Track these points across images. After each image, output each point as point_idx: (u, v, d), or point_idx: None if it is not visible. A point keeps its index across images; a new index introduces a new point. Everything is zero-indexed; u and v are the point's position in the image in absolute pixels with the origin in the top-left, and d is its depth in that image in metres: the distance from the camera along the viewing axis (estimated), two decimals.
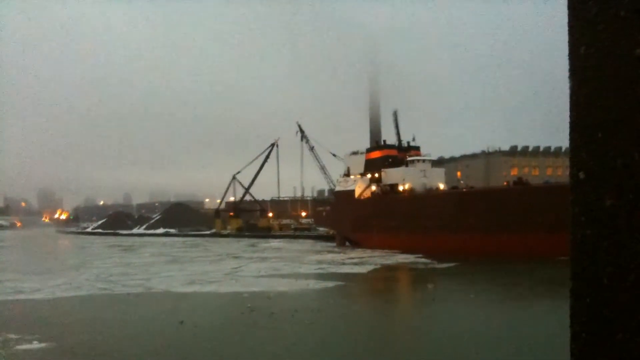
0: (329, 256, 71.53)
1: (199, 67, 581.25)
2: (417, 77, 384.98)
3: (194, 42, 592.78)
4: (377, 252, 74.51)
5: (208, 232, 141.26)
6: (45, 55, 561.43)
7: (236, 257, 72.05)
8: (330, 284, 44.50)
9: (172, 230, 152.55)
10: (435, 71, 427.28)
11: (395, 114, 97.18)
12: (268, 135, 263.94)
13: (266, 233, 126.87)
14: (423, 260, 62.42)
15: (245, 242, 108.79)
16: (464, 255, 60.18)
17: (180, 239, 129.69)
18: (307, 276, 49.89)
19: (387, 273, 54.05)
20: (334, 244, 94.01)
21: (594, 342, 1.75)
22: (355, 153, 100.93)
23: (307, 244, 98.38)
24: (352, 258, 67.87)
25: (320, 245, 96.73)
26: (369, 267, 56.94)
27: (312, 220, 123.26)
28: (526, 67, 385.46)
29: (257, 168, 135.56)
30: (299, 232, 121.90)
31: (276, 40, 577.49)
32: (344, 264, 61.44)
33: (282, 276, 50.11)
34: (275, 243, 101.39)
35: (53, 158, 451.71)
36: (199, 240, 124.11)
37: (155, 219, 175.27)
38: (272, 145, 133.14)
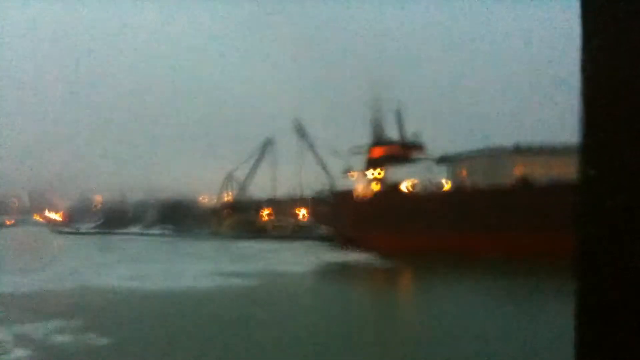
0: (285, 254, 73.12)
1: (198, 64, 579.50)
2: (421, 72, 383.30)
3: (193, 40, 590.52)
4: (340, 252, 76.67)
5: (205, 231, 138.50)
6: (42, 52, 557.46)
7: (197, 256, 74.15)
8: (255, 281, 47.09)
9: (169, 229, 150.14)
10: (440, 66, 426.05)
11: (398, 111, 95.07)
12: (268, 132, 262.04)
13: (261, 232, 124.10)
14: (371, 260, 65.94)
15: (215, 241, 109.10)
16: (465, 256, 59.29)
17: (163, 238, 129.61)
18: (241, 274, 51.92)
19: (320, 272, 56.95)
20: (329, 244, 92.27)
21: (597, 342, 1.74)
22: (356, 151, 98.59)
23: (288, 244, 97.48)
24: (305, 256, 70.55)
25: (305, 244, 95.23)
26: (311, 266, 59.89)
27: (312, 218, 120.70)
28: (533, 63, 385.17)
29: (252, 166, 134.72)
30: (296, 232, 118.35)
31: (277, 38, 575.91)
32: (293, 262, 63.09)
33: (219, 274, 52.03)
34: (245, 243, 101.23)
35: (46, 156, 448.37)
36: (177, 240, 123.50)
37: (152, 217, 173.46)
38: (266, 143, 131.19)
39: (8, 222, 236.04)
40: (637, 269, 1.62)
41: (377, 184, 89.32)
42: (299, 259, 67.07)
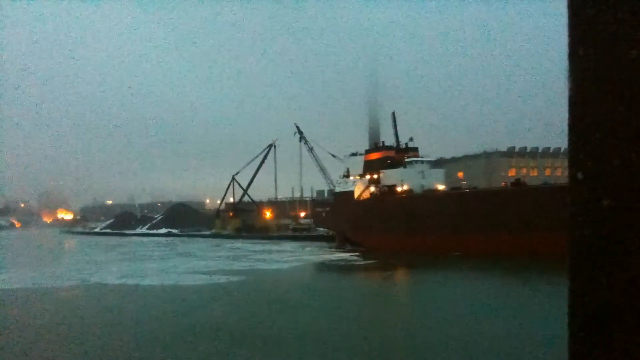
0: (274, 255, 75.19)
1: (200, 69, 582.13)
2: (417, 77, 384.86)
3: (193, 44, 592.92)
4: (323, 252, 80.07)
5: (208, 233, 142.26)
6: (51, 58, 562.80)
7: (187, 256, 76.31)
8: (235, 278, 48.87)
9: (174, 231, 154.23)
10: (436, 71, 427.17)
11: (393, 115, 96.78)
12: (269, 136, 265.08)
13: (263, 233, 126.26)
14: (352, 257, 68.45)
15: (214, 242, 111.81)
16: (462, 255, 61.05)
17: (161, 239, 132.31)
18: (226, 272, 54.20)
19: (300, 269, 58.29)
20: (329, 245, 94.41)
21: (591, 341, 1.78)
22: (354, 154, 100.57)
23: (285, 244, 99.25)
24: (292, 256, 73.07)
25: (300, 245, 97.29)
26: (294, 264, 61.78)
27: (312, 220, 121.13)
28: (526, 67, 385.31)
29: (255, 169, 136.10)
30: (298, 233, 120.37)
31: (276, 42, 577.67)
32: (277, 261, 65.21)
33: (207, 272, 54.33)
34: (238, 244, 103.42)
35: (57, 159, 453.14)
36: (177, 240, 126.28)
37: (158, 219, 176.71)
38: (270, 146, 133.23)
39: (17, 225, 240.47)
40: (628, 269, 1.66)
41: (374, 186, 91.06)
42: (287, 258, 69.31)
